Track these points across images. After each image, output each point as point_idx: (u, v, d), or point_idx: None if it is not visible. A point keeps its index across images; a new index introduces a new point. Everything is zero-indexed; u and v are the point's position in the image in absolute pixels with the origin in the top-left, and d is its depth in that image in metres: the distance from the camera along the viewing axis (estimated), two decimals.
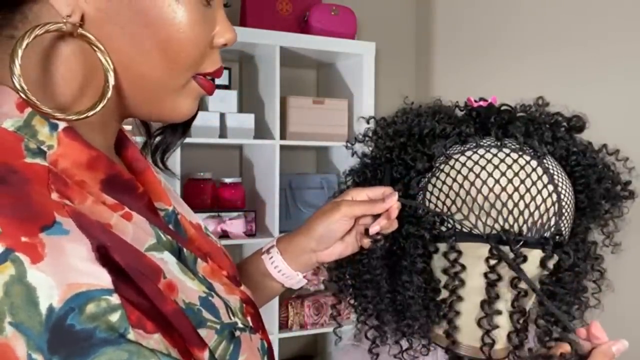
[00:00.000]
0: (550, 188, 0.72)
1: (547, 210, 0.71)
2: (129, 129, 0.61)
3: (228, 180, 2.08)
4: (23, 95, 0.42)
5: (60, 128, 0.44)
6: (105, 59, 0.45)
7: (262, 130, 2.09)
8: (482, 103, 0.81)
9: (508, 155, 0.73)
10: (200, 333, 0.45)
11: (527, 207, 0.71)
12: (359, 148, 0.84)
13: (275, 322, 2.04)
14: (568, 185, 0.74)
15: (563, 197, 0.72)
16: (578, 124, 0.79)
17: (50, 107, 0.43)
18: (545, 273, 0.73)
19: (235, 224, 2.01)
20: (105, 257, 0.40)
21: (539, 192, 0.71)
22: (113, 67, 0.46)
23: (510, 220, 0.71)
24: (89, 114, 0.45)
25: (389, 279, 0.77)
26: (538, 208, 0.71)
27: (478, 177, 0.72)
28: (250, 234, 2.05)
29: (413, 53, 2.60)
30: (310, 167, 2.47)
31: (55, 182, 0.42)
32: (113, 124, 0.53)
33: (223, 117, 1.99)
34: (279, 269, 0.73)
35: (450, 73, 2.40)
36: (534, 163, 0.73)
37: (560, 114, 0.80)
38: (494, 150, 0.74)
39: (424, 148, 0.77)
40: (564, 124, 0.79)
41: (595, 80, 1.74)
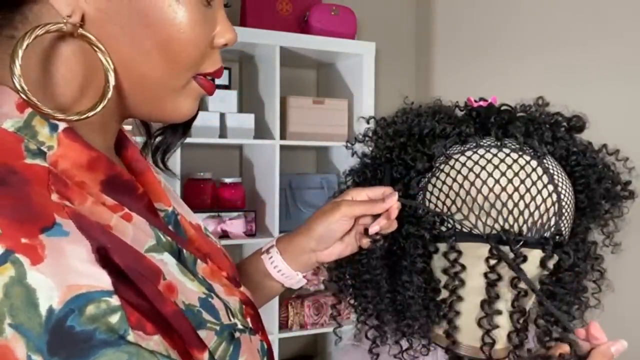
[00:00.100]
0: (550, 188, 0.72)
1: (547, 210, 0.71)
2: (129, 129, 0.61)
3: (228, 180, 2.08)
4: (23, 96, 0.42)
5: (60, 129, 0.44)
6: (106, 59, 0.45)
7: (262, 130, 2.09)
8: (482, 103, 0.81)
9: (508, 155, 0.73)
10: (200, 334, 0.45)
11: (527, 207, 0.71)
12: (359, 148, 0.84)
13: (275, 322, 2.03)
14: (568, 185, 0.74)
15: (563, 197, 0.72)
16: (578, 124, 0.79)
17: (51, 107, 0.43)
18: (545, 273, 0.73)
19: (235, 224, 2.01)
20: (105, 258, 0.40)
21: (539, 192, 0.71)
22: (113, 67, 0.46)
23: (510, 220, 0.71)
24: (90, 115, 0.45)
25: (389, 279, 0.77)
26: (538, 208, 0.71)
27: (478, 177, 0.72)
28: (250, 234, 2.04)
29: (413, 53, 2.60)
30: (310, 167, 2.47)
31: (56, 183, 0.42)
32: (113, 125, 0.53)
33: (223, 117, 1.99)
34: (279, 269, 0.73)
35: (450, 73, 2.40)
36: (534, 163, 0.73)
37: (560, 114, 0.80)
38: (494, 150, 0.74)
39: (424, 148, 0.77)
40: (564, 124, 0.80)
41: (595, 80, 1.74)
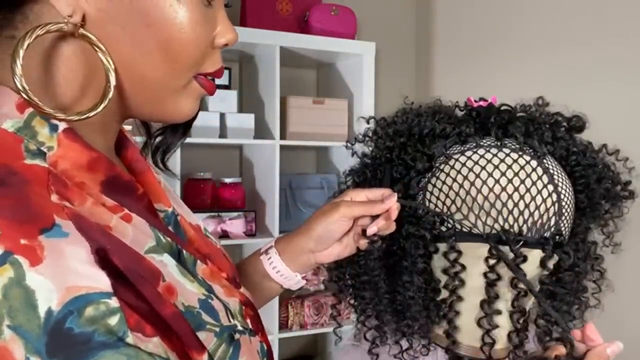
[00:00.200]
0: (550, 188, 0.72)
1: (547, 210, 0.71)
2: (129, 129, 0.61)
3: (228, 180, 2.08)
4: (25, 96, 0.42)
5: (60, 129, 0.44)
6: (107, 59, 0.45)
7: (262, 130, 2.09)
8: (482, 103, 0.81)
9: (508, 155, 0.73)
10: (200, 336, 0.45)
11: (527, 207, 0.71)
12: (359, 148, 0.84)
13: (275, 322, 2.03)
14: (568, 185, 0.74)
15: (563, 197, 0.72)
16: (578, 124, 0.79)
17: (52, 107, 0.43)
18: (545, 273, 0.73)
19: (235, 224, 2.01)
20: (105, 259, 0.40)
21: (539, 192, 0.71)
22: (114, 67, 0.46)
23: (510, 220, 0.71)
24: (91, 115, 0.45)
25: (388, 279, 0.77)
26: (538, 208, 0.71)
27: (478, 177, 0.72)
28: (250, 234, 2.04)
29: (413, 53, 2.60)
30: (310, 167, 2.47)
31: (55, 183, 0.42)
32: (114, 125, 0.52)
33: (223, 117, 1.99)
34: (277, 270, 0.73)
35: (450, 73, 2.40)
36: (534, 163, 0.73)
37: (560, 114, 0.80)
38: (494, 150, 0.74)
39: (424, 148, 0.77)
40: (564, 124, 0.80)
41: (595, 80, 1.74)
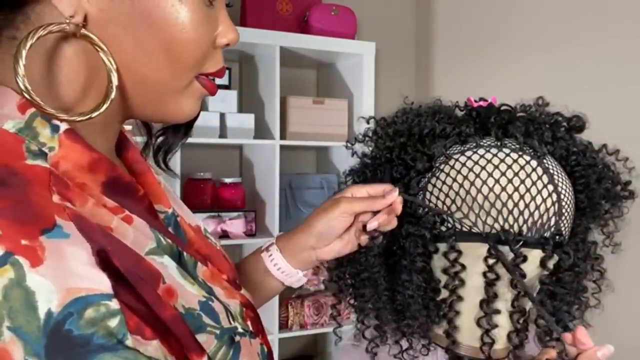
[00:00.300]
0: (550, 188, 0.72)
1: (547, 210, 0.71)
2: (129, 129, 0.61)
3: (228, 180, 2.08)
4: (27, 96, 0.42)
5: (62, 130, 0.44)
6: (108, 59, 0.45)
7: (262, 130, 2.09)
8: (482, 103, 0.81)
9: (508, 155, 0.73)
10: (200, 338, 0.45)
11: (527, 207, 0.71)
12: (359, 148, 0.84)
13: (275, 322, 2.03)
14: (568, 185, 0.74)
15: (563, 197, 0.72)
16: (578, 124, 0.79)
17: (53, 108, 0.43)
18: (545, 273, 0.73)
19: (235, 224, 2.01)
20: (106, 261, 0.40)
21: (539, 192, 0.71)
22: (116, 67, 0.46)
23: (510, 220, 0.71)
24: (93, 115, 0.45)
25: (388, 278, 0.77)
26: (538, 208, 0.71)
27: (478, 177, 0.72)
28: (250, 234, 2.04)
29: (413, 53, 2.60)
30: (310, 167, 2.47)
31: (57, 184, 0.42)
32: (115, 126, 0.52)
33: (223, 117, 1.99)
34: (279, 267, 0.73)
35: (450, 73, 2.40)
36: (534, 163, 0.73)
37: (560, 114, 0.80)
38: (494, 150, 0.74)
39: (424, 148, 0.77)
40: (564, 124, 0.80)
41: (595, 80, 1.74)
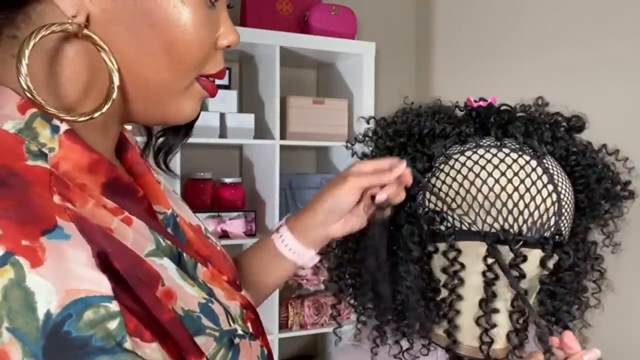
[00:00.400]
0: (550, 188, 0.72)
1: (546, 210, 0.71)
2: (129, 129, 0.61)
3: (228, 180, 2.08)
4: (29, 95, 0.42)
5: (62, 131, 0.44)
6: (110, 60, 0.45)
7: (262, 130, 2.09)
8: (481, 103, 0.81)
9: (508, 155, 0.73)
10: (199, 340, 0.45)
11: (526, 206, 0.71)
12: (359, 148, 0.84)
13: (275, 322, 2.03)
14: (568, 185, 0.74)
15: (563, 197, 0.72)
16: (578, 124, 0.79)
17: (55, 108, 0.43)
18: (545, 273, 0.73)
19: (235, 224, 2.01)
20: (106, 263, 0.40)
21: (539, 191, 0.71)
22: (117, 67, 0.46)
23: (510, 220, 0.71)
24: (95, 115, 0.45)
25: (389, 278, 0.77)
26: (538, 208, 0.71)
27: (478, 176, 0.72)
28: (250, 234, 2.04)
29: (413, 53, 2.60)
30: (310, 167, 2.47)
31: (57, 184, 0.42)
32: (115, 127, 0.52)
33: (223, 117, 1.98)
34: (290, 247, 0.72)
35: (450, 73, 2.40)
36: (534, 163, 0.73)
37: (560, 114, 0.80)
38: (494, 150, 0.74)
39: (424, 148, 0.77)
40: (564, 124, 0.80)
41: (595, 80, 1.74)
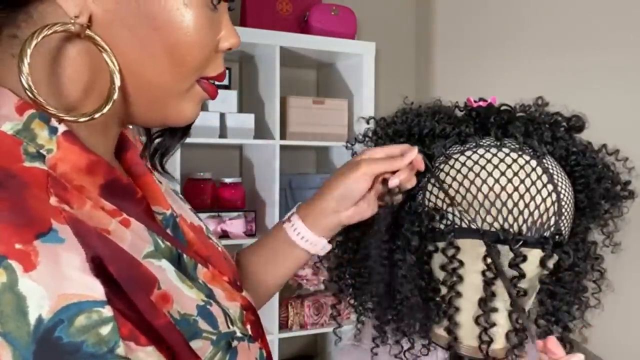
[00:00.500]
0: (550, 188, 0.72)
1: (546, 210, 0.71)
2: (130, 128, 0.61)
3: (228, 180, 2.08)
4: (30, 95, 0.42)
5: (60, 132, 0.44)
6: (112, 60, 0.45)
7: (262, 130, 2.09)
8: (481, 103, 0.81)
9: (508, 155, 0.73)
10: (196, 344, 0.45)
11: (526, 206, 0.71)
12: (359, 148, 0.84)
13: (275, 322, 2.03)
14: (568, 185, 0.74)
15: (563, 196, 0.72)
16: (577, 124, 0.79)
17: (55, 107, 0.43)
18: (545, 273, 0.73)
19: (235, 224, 2.01)
20: (100, 267, 0.39)
21: (539, 191, 0.71)
22: (119, 68, 0.45)
23: (510, 220, 0.71)
24: (96, 116, 0.45)
25: (389, 277, 0.77)
26: (538, 207, 0.71)
27: (478, 176, 0.72)
28: (251, 234, 2.04)
29: (413, 53, 2.60)
30: (310, 167, 2.47)
31: (55, 186, 0.42)
32: (115, 128, 0.52)
33: (223, 117, 1.99)
34: (302, 236, 0.72)
35: (450, 73, 2.40)
36: (534, 163, 0.73)
37: (560, 114, 0.80)
38: (494, 150, 0.74)
39: (424, 148, 0.77)
40: (564, 124, 0.80)
41: (595, 81, 1.74)
